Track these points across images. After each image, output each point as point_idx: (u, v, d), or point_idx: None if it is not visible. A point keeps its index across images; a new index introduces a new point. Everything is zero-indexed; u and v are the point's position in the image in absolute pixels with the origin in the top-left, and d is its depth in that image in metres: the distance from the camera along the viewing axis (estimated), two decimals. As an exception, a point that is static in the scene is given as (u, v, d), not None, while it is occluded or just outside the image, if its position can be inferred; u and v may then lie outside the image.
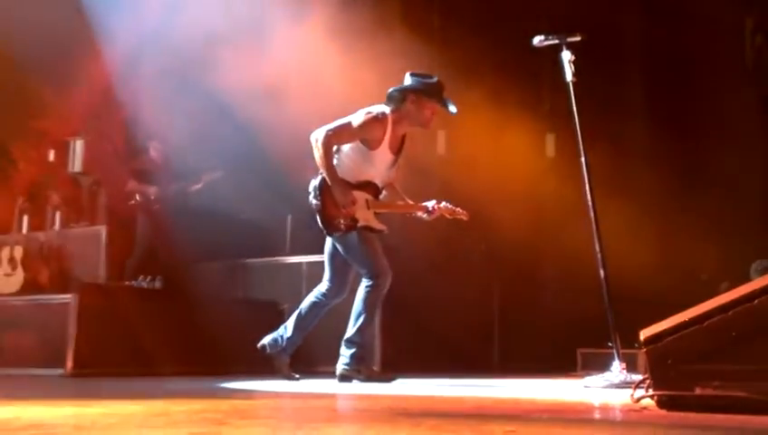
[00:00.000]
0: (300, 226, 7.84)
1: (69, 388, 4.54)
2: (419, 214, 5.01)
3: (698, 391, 2.49)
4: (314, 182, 4.71)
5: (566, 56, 4.31)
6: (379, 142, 4.75)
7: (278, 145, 7.76)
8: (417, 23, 8.43)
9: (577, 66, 4.56)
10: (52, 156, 8.08)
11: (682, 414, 2.49)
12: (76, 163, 7.82)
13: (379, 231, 4.85)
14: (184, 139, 7.40)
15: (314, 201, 4.69)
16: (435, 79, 4.86)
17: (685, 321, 2.52)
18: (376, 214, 4.85)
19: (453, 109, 4.81)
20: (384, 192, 4.95)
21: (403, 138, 4.91)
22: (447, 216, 5.02)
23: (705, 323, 2.48)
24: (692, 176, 8.61)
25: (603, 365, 4.55)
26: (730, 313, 2.43)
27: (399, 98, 4.82)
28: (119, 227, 7.26)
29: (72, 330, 5.57)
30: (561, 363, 7.62)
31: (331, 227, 4.71)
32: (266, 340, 4.93)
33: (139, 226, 7.21)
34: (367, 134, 4.72)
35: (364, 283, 4.78)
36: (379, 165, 4.82)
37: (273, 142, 7.65)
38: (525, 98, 8.52)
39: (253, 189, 7.60)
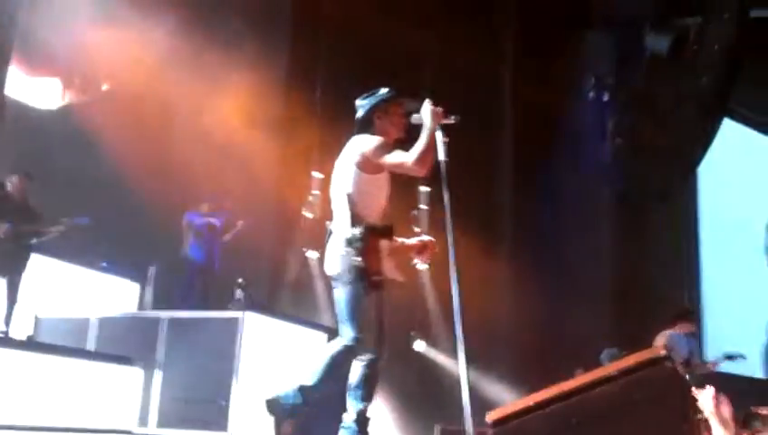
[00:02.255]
0: (164, 278, 7.66)
1: None
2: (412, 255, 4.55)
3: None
4: (354, 231, 4.22)
5: (439, 136, 4.39)
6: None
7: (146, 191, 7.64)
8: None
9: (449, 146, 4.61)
10: None
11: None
12: None
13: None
14: (52, 177, 7.12)
15: (351, 251, 4.18)
16: (382, 88, 4.60)
17: (529, 405, 2.62)
18: None
19: (411, 100, 4.51)
20: None
21: None
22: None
23: (548, 409, 2.58)
24: (549, 264, 9.06)
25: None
26: (571, 400, 2.54)
27: (367, 120, 4.51)
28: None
29: None
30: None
31: (368, 283, 4.22)
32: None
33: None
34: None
35: (341, 342, 4.25)
36: (386, 190, 4.44)
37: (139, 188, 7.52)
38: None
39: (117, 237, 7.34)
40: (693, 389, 4.23)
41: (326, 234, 4.36)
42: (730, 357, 7.77)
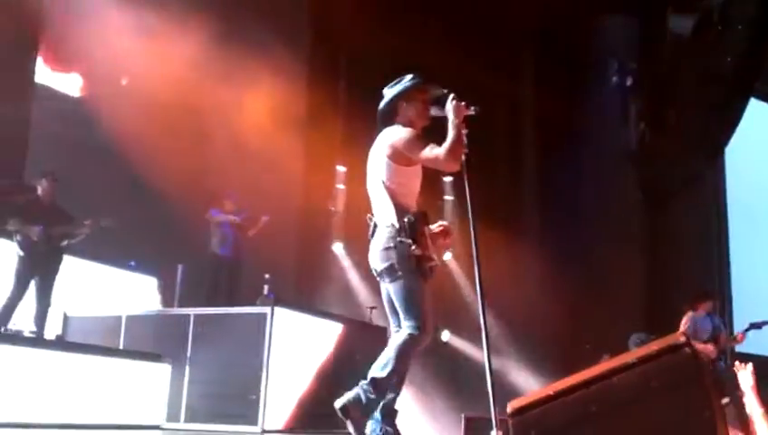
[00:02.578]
0: (190, 276, 7.73)
1: None
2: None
3: (559, 462, 2.57)
4: (404, 220, 4.18)
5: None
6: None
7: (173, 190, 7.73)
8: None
9: (470, 138, 4.62)
10: None
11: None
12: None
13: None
14: (77, 179, 7.21)
15: (406, 240, 4.14)
16: (407, 75, 4.54)
17: (549, 395, 2.61)
18: None
19: (436, 87, 4.45)
20: None
21: None
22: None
23: (568, 398, 2.57)
24: (576, 252, 9.00)
25: (486, 431, 4.59)
26: (590, 389, 2.53)
27: (391, 108, 4.47)
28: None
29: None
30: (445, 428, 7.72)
31: (427, 271, 4.20)
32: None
33: (18, 266, 6.85)
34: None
35: (408, 334, 4.17)
36: (420, 178, 4.39)
37: (166, 188, 7.61)
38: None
39: (143, 236, 7.42)
40: (736, 364, 4.20)
41: (369, 228, 4.31)
42: (756, 326, 7.82)
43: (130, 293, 7.40)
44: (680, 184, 9.21)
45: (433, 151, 4.19)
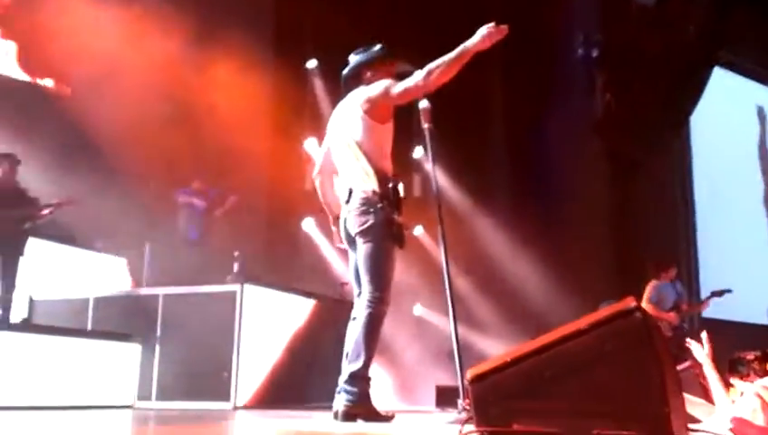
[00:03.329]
0: (159, 256, 7.71)
1: None
2: None
3: (516, 427, 2.62)
4: (384, 185, 4.20)
5: (422, 104, 4.37)
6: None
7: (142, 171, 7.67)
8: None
9: (435, 114, 4.57)
10: None
11: (502, 449, 2.62)
12: None
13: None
14: (40, 161, 7.12)
15: (386, 204, 4.16)
16: (376, 45, 4.54)
17: (505, 362, 2.66)
18: None
19: (403, 60, 4.45)
20: None
21: None
22: None
23: (523, 364, 2.62)
24: (545, 222, 9.08)
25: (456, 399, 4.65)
26: (543, 355, 2.58)
27: (356, 75, 4.46)
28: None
29: None
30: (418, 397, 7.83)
31: (402, 238, 4.21)
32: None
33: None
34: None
35: (370, 301, 4.16)
36: (391, 141, 4.37)
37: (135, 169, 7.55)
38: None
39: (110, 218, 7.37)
40: (687, 340, 4.29)
41: (346, 194, 4.28)
42: (717, 293, 8.03)
43: (98, 275, 7.35)
44: (646, 153, 9.31)
45: (418, 72, 4.06)
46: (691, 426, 3.13)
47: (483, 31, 4.08)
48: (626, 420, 2.44)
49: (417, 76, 4.12)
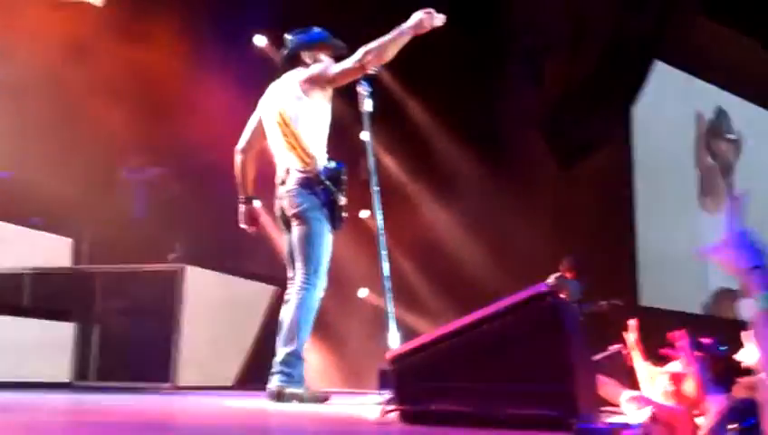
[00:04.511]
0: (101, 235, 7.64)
1: None
2: None
3: (434, 407, 2.73)
4: (329, 166, 4.23)
5: (360, 87, 4.41)
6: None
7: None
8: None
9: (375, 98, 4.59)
10: None
11: (420, 427, 2.73)
12: None
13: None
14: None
15: (333, 188, 4.19)
16: (315, 28, 4.60)
17: (424, 343, 2.76)
18: None
19: (341, 44, 4.53)
20: None
21: None
22: None
23: (440, 346, 2.73)
24: (489, 217, 9.23)
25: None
26: (460, 337, 2.69)
27: (294, 56, 4.48)
28: None
29: None
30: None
31: (340, 221, 4.26)
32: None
33: None
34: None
35: (304, 283, 4.18)
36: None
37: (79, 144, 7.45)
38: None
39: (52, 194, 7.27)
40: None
41: (284, 174, 4.29)
42: (609, 303, 8.24)
43: (37, 251, 7.26)
44: (587, 148, 9.50)
45: (356, 53, 4.13)
46: (604, 408, 3.28)
47: (419, 15, 4.17)
48: (535, 400, 2.56)
49: (354, 57, 4.20)
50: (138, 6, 7.66)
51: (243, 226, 4.61)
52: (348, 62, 4.26)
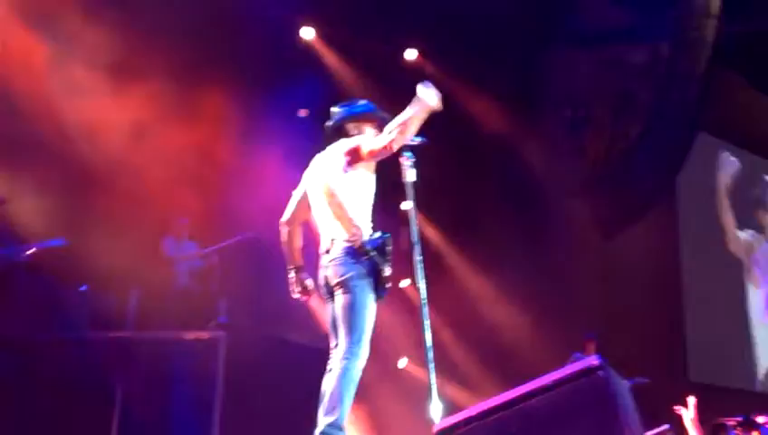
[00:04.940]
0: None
1: None
2: None
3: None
4: (375, 237, 4.29)
5: (403, 159, 4.46)
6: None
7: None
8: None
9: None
10: None
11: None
12: None
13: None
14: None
15: (379, 258, 4.23)
16: (360, 100, 4.71)
17: (471, 416, 2.71)
18: None
19: (386, 116, 4.56)
20: None
21: None
22: None
23: (489, 419, 2.67)
24: (535, 283, 9.14)
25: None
26: (508, 410, 2.64)
27: (339, 128, 4.58)
28: None
29: None
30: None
31: (384, 291, 4.28)
32: None
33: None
34: None
35: (347, 352, 4.17)
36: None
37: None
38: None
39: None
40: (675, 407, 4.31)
41: (328, 243, 4.32)
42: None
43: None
44: (632, 214, 9.41)
45: (382, 134, 4.21)
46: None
47: (431, 93, 4.18)
48: (587, 478, 2.48)
49: (382, 138, 4.26)
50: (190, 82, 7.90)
51: (295, 295, 4.63)
52: (376, 144, 4.32)
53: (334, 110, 4.70)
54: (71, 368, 6.22)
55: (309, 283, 4.62)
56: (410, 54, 9.23)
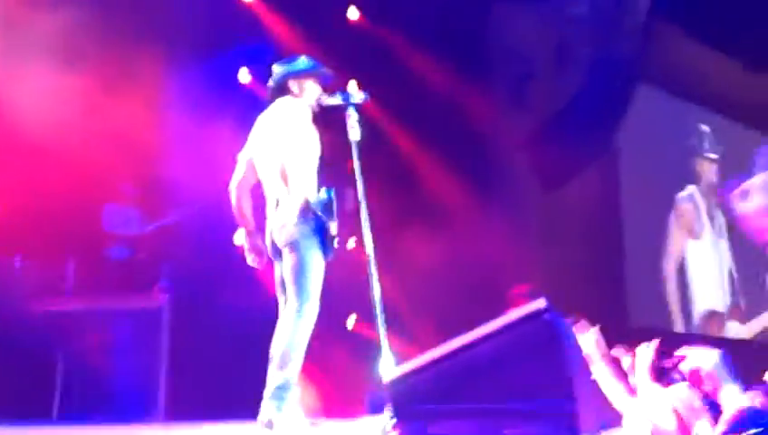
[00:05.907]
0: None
1: None
2: None
3: (433, 429, 2.67)
4: (321, 195, 4.29)
5: (350, 116, 4.44)
6: None
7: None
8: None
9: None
10: None
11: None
12: None
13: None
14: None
15: (325, 216, 4.22)
16: (301, 58, 4.68)
17: (420, 365, 2.71)
18: None
19: (328, 72, 4.63)
20: None
21: None
22: None
23: (438, 367, 2.68)
24: (476, 230, 9.21)
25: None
26: (456, 357, 2.65)
27: (280, 86, 4.57)
28: None
29: None
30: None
31: (331, 249, 4.30)
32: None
33: None
34: None
35: (296, 311, 4.20)
36: None
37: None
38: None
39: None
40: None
41: (274, 204, 4.33)
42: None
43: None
44: (574, 167, 9.53)
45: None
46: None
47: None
48: (535, 419, 2.51)
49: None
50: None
51: (249, 260, 4.59)
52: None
53: (275, 68, 4.65)
54: (8, 342, 6.08)
55: (262, 245, 4.58)
56: (353, 13, 9.10)
